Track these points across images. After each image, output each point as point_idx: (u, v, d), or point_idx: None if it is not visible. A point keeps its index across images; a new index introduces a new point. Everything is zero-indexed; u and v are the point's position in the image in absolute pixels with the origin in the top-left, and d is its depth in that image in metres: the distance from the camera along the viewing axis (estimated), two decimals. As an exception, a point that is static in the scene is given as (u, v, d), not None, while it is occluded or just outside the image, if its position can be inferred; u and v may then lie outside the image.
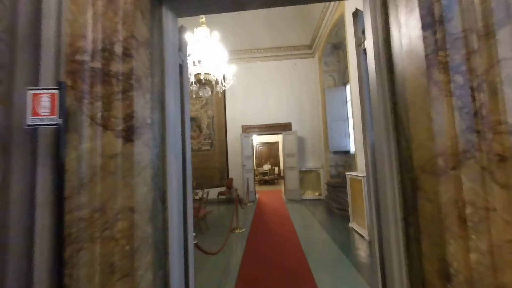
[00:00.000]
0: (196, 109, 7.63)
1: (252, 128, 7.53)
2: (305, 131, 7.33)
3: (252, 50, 7.55)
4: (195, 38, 4.32)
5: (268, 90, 7.55)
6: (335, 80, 6.77)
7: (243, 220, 4.93)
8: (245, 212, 5.57)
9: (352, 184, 4.07)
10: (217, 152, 7.49)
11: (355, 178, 3.89)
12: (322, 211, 5.58)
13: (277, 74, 7.56)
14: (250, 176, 7.09)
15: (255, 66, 7.65)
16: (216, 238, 3.87)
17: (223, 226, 4.56)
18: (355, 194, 4.00)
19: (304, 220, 4.80)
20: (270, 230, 4.22)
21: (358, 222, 3.89)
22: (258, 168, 12.16)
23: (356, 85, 4.30)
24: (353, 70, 4.43)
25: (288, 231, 4.10)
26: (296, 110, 7.42)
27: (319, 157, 7.24)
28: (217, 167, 7.45)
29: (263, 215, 5.27)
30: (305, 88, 7.46)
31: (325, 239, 3.67)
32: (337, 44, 6.37)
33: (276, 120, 7.45)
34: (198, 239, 4.14)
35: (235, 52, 7.49)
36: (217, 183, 7.38)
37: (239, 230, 4.17)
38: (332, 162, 6.61)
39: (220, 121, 7.56)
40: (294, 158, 6.98)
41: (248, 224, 4.66)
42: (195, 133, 7.58)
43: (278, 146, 13.75)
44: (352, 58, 4.41)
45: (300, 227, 4.32)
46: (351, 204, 4.13)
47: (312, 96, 7.42)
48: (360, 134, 4.14)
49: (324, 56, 6.77)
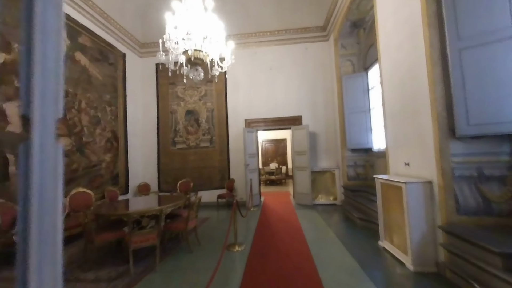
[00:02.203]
0: (194, 101, 6.78)
1: (257, 123, 6.62)
2: (318, 125, 6.37)
3: (257, 34, 6.62)
4: (183, 6, 3.45)
5: (275, 79, 6.62)
6: (354, 65, 5.77)
7: (244, 232, 4.05)
8: (247, 221, 4.69)
9: (385, 191, 3.12)
10: (217, 149, 6.64)
11: (390, 184, 2.93)
12: (339, 220, 4.64)
13: (286, 60, 6.62)
14: (254, 176, 6.20)
15: (261, 52, 6.72)
16: (207, 260, 3.00)
17: (219, 240, 3.70)
18: (388, 204, 3.05)
19: (319, 233, 3.88)
20: (277, 247, 3.33)
21: (393, 242, 2.94)
22: (264, 167, 11.27)
23: (389, 64, 3.32)
24: (385, 44, 3.45)
25: (300, 251, 3.19)
26: (308, 101, 6.47)
27: (334, 155, 6.27)
28: (217, 167, 6.60)
29: (269, 226, 4.38)
30: (318, 76, 6.49)
31: (350, 265, 2.74)
32: (357, 22, 5.36)
33: (284, 113, 6.52)
34: (184, 260, 3.10)
35: (238, 36, 6.59)
36: (217, 184, 6.54)
37: (238, 247, 3.29)
38: (350, 162, 5.64)
39: (220, 114, 6.69)
40: (305, 156, 6.04)
41: (250, 237, 3.78)
42: (193, 128, 6.74)
43: (286, 144, 12.82)
44: (385, 27, 3.42)
45: (315, 244, 3.40)
46: (383, 216, 3.19)
47: (326, 85, 6.44)
48: (394, 126, 3.17)
49: (340, 38, 5.77)
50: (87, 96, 4.98)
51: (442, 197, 2.36)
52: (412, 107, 2.83)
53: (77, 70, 4.74)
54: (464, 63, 2.24)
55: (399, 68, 3.08)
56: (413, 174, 2.85)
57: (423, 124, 2.63)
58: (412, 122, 2.85)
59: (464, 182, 2.28)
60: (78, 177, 4.64)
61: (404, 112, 3.01)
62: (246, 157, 6.05)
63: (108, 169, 5.51)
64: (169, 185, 6.61)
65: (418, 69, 2.67)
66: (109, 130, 5.58)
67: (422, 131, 2.67)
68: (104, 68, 5.53)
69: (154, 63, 6.92)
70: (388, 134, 3.45)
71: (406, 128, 2.97)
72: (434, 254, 2.48)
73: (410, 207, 2.54)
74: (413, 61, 2.75)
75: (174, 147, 6.74)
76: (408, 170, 2.95)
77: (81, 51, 4.87)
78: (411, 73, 2.81)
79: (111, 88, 5.73)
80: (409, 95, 2.87)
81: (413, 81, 2.79)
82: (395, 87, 3.19)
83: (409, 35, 2.81)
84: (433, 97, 2.43)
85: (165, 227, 3.25)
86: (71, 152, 4.50)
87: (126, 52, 6.33)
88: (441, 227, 2.37)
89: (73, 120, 4.60)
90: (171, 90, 6.86)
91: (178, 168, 6.66)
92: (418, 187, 2.55)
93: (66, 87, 4.46)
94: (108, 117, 5.60)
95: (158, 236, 2.79)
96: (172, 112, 6.82)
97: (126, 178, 6.05)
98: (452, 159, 2.32)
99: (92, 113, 5.11)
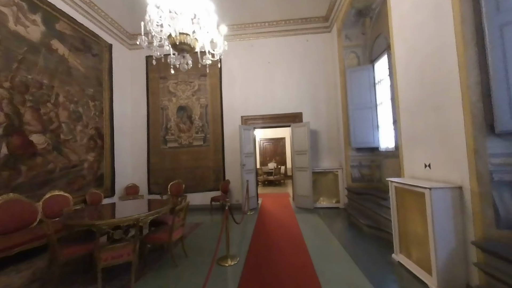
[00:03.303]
0: (187, 97, 6.32)
1: (254, 120, 6.18)
2: (320, 122, 5.94)
3: (254, 24, 6.17)
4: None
5: (274, 73, 6.18)
6: (359, 57, 5.33)
7: (238, 241, 3.62)
8: (242, 228, 4.25)
9: (401, 196, 2.69)
10: (211, 148, 6.18)
11: (408, 189, 2.51)
12: (344, 226, 4.21)
13: (285, 53, 6.17)
14: (251, 178, 5.76)
15: (258, 44, 6.27)
16: (195, 276, 2.56)
17: (210, 251, 3.25)
18: (405, 212, 2.63)
19: (322, 243, 3.44)
20: (276, 261, 2.89)
21: (411, 257, 2.51)
22: (262, 167, 10.84)
23: (405, 50, 2.89)
24: (399, 27, 3.01)
25: (302, 265, 2.76)
26: (309, 97, 6.03)
27: (337, 155, 5.84)
28: (212, 167, 6.15)
29: (266, 234, 3.94)
30: (319, 70, 6.05)
31: (361, 284, 2.31)
32: (363, 10, 4.92)
33: (283, 110, 6.08)
34: (167, 277, 2.55)
35: (234, 27, 6.14)
36: (211, 185, 6.09)
37: (230, 261, 2.85)
38: (355, 162, 5.22)
39: (215, 111, 6.23)
40: (305, 156, 5.61)
41: (245, 248, 3.34)
42: (185, 126, 6.28)
43: (285, 143, 12.41)
44: (400, 6, 2.99)
45: (319, 256, 2.97)
46: (398, 225, 2.76)
47: (328, 79, 6.01)
48: (410, 121, 2.75)
49: (344, 28, 5.34)
50: (66, 89, 4.51)
51: (477, 206, 1.93)
52: (435, 99, 2.40)
53: (53, 60, 4.26)
54: (507, 42, 1.81)
55: (417, 54, 2.65)
56: (436, 177, 2.42)
57: (450, 118, 2.20)
58: (434, 116, 2.42)
59: (506, 188, 1.86)
60: (55, 178, 4.18)
61: (423, 105, 2.58)
62: (243, 156, 5.61)
63: (91, 169, 5.04)
64: (159, 187, 6.15)
65: (444, 53, 2.24)
66: (92, 127, 5.11)
67: (448, 126, 2.24)
68: (87, 59, 5.06)
69: (144, 56, 6.45)
70: (401, 130, 3.02)
71: (426, 123, 2.54)
72: (465, 275, 2.06)
73: (435, 217, 2.12)
74: (437, 43, 2.32)
75: (165, 146, 6.28)
76: (428, 173, 2.53)
77: (59, 39, 4.39)
78: (434, 58, 2.38)
79: (95, 81, 5.25)
80: (431, 85, 2.44)
81: (436, 68, 2.36)
82: (412, 77, 2.76)
83: (432, 11, 2.37)
84: (465, 85, 2.00)
85: (146, 238, 2.80)
86: (46, 151, 4.03)
87: (112, 43, 5.85)
88: (475, 243, 1.94)
89: (49, 115, 4.13)
90: (162, 84, 6.40)
91: (169, 169, 6.20)
92: (446, 193, 2.13)
93: (40, 78, 3.99)
94: (92, 113, 5.12)
95: (134, 251, 2.35)
96: (163, 108, 6.35)
97: (112, 179, 5.59)
98: (490, 160, 1.89)
99: (72, 108, 4.63)
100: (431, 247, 2.16)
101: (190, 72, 6.29)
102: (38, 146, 3.90)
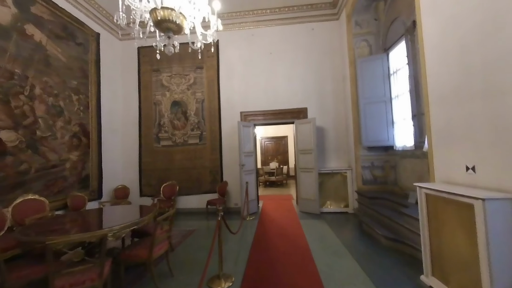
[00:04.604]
0: (181, 91, 5.82)
1: (255, 116, 5.67)
2: (327, 118, 5.42)
3: (255, 12, 5.65)
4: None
5: (276, 65, 5.66)
6: (370, 46, 4.80)
7: (234, 255, 3.11)
8: (240, 237, 3.75)
9: (433, 206, 2.17)
10: (208, 147, 5.69)
11: (447, 198, 1.98)
12: (356, 236, 3.69)
13: (289, 43, 5.65)
14: (251, 179, 5.26)
15: (259, 33, 5.75)
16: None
17: (202, 265, 2.75)
18: (439, 225, 2.11)
19: (334, 258, 2.93)
20: (279, 283, 2.38)
21: (449, 282, 1.99)
22: (264, 167, 10.33)
23: (439, 25, 2.36)
24: (430, 0, 2.48)
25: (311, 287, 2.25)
26: (314, 91, 5.50)
27: (346, 154, 5.32)
28: (208, 167, 5.65)
29: (267, 246, 3.43)
30: (326, 61, 5.52)
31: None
32: (377, -9, 4.39)
33: (286, 105, 5.56)
34: None
35: (232, 14, 5.63)
36: (208, 187, 5.59)
37: (224, 283, 2.34)
38: (366, 162, 4.69)
39: (212, 106, 5.73)
40: (311, 155, 5.09)
41: (242, 264, 2.84)
42: (180, 122, 5.78)
43: (287, 141, 11.89)
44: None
45: (331, 277, 2.46)
46: (429, 241, 2.24)
47: (336, 71, 5.47)
48: (444, 112, 2.23)
49: (355, 14, 4.80)
50: (44, 80, 4.02)
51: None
52: (485, 83, 1.87)
53: (28, 47, 3.77)
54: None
55: (458, 27, 2.12)
56: (483, 183, 1.90)
57: (508, 107, 1.68)
58: (482, 106, 1.90)
59: None
60: (29, 180, 3.70)
61: (465, 92, 2.05)
62: (242, 156, 5.10)
63: (75, 170, 4.56)
64: (152, 189, 5.67)
65: (502, 20, 1.71)
66: (76, 123, 4.63)
67: (505, 118, 1.72)
68: (70, 48, 4.57)
69: (136, 47, 5.96)
70: (431, 125, 2.49)
71: (470, 114, 2.02)
72: (533, 315, 1.54)
73: (491, 236, 1.60)
74: (492, 8, 1.79)
75: (158, 144, 5.79)
76: (472, 178, 2.00)
77: (34, 24, 3.91)
78: (485, 29, 1.85)
79: (79, 73, 4.77)
80: (479, 65, 1.92)
81: (488, 42, 1.83)
82: (450, 56, 2.23)
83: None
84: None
85: (121, 255, 2.31)
86: (18, 150, 3.55)
87: (100, 32, 5.36)
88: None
89: (22, 109, 3.65)
90: (155, 78, 5.90)
91: (163, 169, 5.71)
92: (505, 206, 1.61)
93: (12, 67, 3.51)
94: (75, 108, 4.64)
95: (100, 276, 1.85)
96: (156, 103, 5.86)
97: (99, 180, 5.11)
98: None
99: (51, 102, 4.15)
100: (483, 273, 1.64)
101: (185, 64, 5.80)
102: (7, 144, 3.42)
